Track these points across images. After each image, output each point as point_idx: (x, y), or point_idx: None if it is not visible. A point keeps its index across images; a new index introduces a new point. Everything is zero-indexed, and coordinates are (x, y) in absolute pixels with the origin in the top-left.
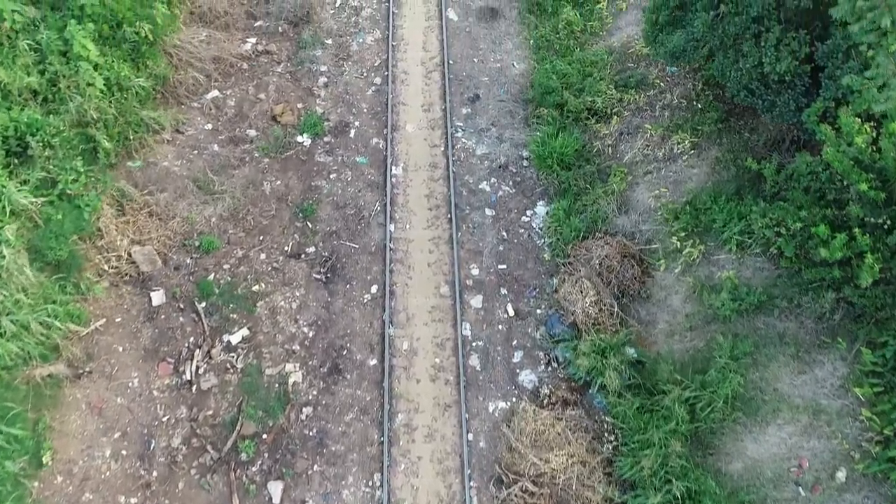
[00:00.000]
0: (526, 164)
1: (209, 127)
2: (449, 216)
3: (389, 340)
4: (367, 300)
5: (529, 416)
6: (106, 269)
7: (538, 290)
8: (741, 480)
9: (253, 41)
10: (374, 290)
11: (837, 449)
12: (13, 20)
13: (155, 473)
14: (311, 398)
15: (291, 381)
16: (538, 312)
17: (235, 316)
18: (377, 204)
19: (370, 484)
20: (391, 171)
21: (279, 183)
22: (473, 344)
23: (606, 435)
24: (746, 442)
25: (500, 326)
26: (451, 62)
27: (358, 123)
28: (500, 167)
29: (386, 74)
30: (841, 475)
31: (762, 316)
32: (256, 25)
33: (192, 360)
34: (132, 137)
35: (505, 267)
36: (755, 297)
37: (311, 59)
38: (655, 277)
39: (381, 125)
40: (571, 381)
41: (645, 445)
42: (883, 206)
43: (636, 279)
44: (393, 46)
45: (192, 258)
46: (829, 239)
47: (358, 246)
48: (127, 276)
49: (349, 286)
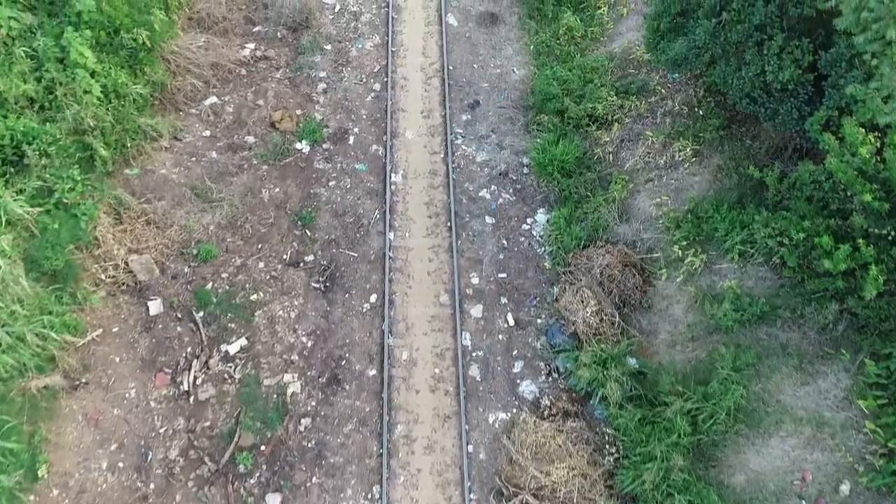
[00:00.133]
0: (526, 171)
1: (207, 134)
2: (449, 224)
3: (389, 350)
4: (366, 309)
5: (530, 427)
6: (103, 278)
7: (539, 299)
8: (744, 494)
9: (251, 47)
10: (373, 299)
11: (841, 462)
12: (9, 27)
13: (152, 486)
14: (309, 409)
15: (290, 391)
16: (539, 322)
17: (234, 325)
18: (376, 212)
19: (369, 497)
20: (390, 178)
21: (278, 190)
22: (473, 354)
23: (608, 447)
24: (749, 454)
25: (500, 336)
26: (450, 68)
27: (357, 130)
28: (500, 174)
29: (385, 80)
30: (845, 488)
31: (765, 326)
32: (255, 31)
33: (189, 370)
34: (129, 145)
35: (505, 276)
36: (757, 307)
37: (310, 64)
38: (657, 287)
39: (380, 132)
40: (572, 391)
41: (647, 458)
42: (887, 216)
43: (637, 288)
44: (392, 52)
45: (189, 267)
46: (832, 250)
47: (357, 254)
48: (124, 285)
49: (348, 295)
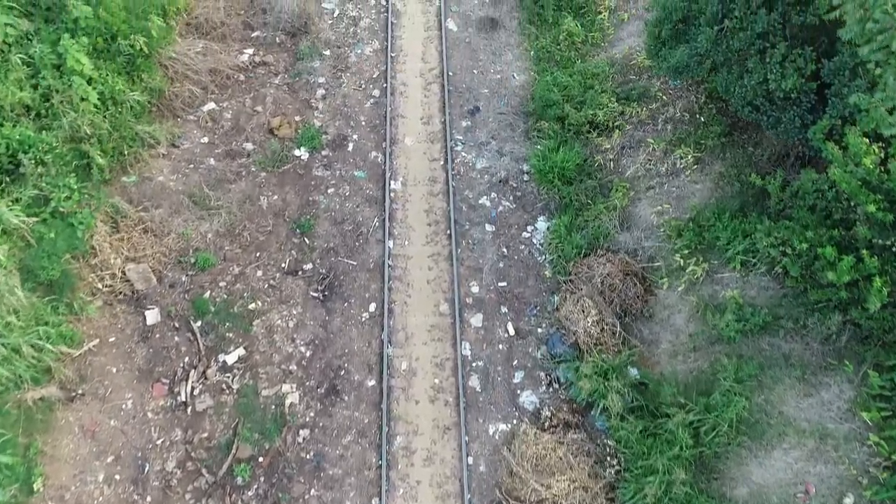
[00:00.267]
0: (526, 178)
1: (205, 140)
2: (448, 232)
3: (388, 360)
4: (365, 319)
5: (530, 439)
6: (99, 287)
7: (539, 308)
8: None
9: (250, 52)
10: (372, 308)
11: (844, 474)
12: (6, 33)
13: (149, 498)
14: (308, 420)
15: (288, 402)
16: (539, 331)
17: (231, 335)
18: (376, 219)
19: None
20: (390, 185)
21: (276, 198)
22: (473, 364)
23: (609, 459)
24: (752, 467)
25: (500, 346)
26: (450, 74)
27: (356, 137)
28: (500, 181)
29: (385, 86)
30: (848, 501)
31: (767, 337)
32: (254, 36)
33: (187, 380)
34: (127, 152)
35: (505, 284)
36: (760, 317)
37: (308, 70)
38: (658, 296)
39: (379, 138)
40: (573, 402)
41: (648, 472)
42: (891, 228)
43: (639, 298)
44: (392, 58)
45: (187, 275)
46: (835, 261)
47: (356, 263)
48: (121, 294)
49: (347, 304)
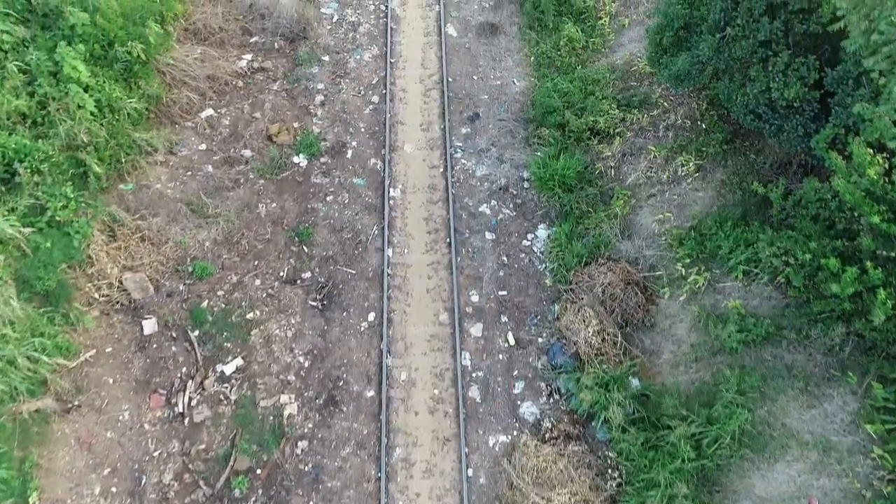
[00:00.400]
0: (527, 185)
1: (203, 147)
2: (448, 240)
3: (387, 371)
4: (364, 328)
5: (531, 451)
6: (96, 297)
7: (539, 317)
8: None
9: (248, 58)
10: (371, 317)
11: (848, 488)
12: (2, 40)
13: None
14: (306, 431)
15: (286, 413)
16: (539, 341)
17: (229, 345)
18: (375, 227)
19: None
20: (389, 193)
21: (275, 205)
22: (473, 374)
23: (610, 471)
24: (754, 479)
25: (500, 356)
26: (450, 80)
27: (355, 143)
28: (500, 189)
29: (384, 92)
30: None
31: (770, 347)
32: (252, 41)
33: (184, 391)
34: (124, 160)
35: (505, 293)
36: (762, 328)
37: (307, 76)
38: (660, 305)
39: (378, 145)
40: (574, 413)
41: (650, 485)
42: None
43: (640, 307)
44: (391, 63)
45: (185, 284)
46: (839, 272)
47: (355, 271)
48: (118, 304)
49: (346, 314)
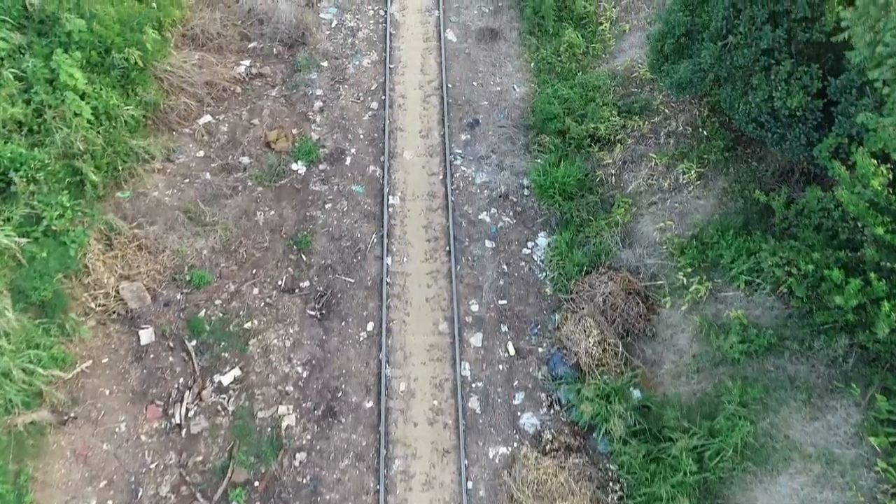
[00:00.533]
0: (527, 192)
1: (201, 154)
2: (448, 248)
3: (386, 381)
4: (363, 338)
5: (531, 463)
6: (93, 307)
7: (540, 326)
8: None
9: (247, 64)
10: (370, 327)
11: (851, 501)
12: None
13: None
14: (304, 443)
15: (284, 424)
16: (540, 351)
17: (227, 355)
18: (374, 235)
19: None
20: (388, 200)
21: (273, 213)
22: (473, 385)
23: (611, 484)
24: (757, 492)
25: (500, 366)
26: (449, 85)
27: (354, 150)
28: (500, 196)
29: (383, 98)
30: None
31: (772, 358)
32: (250, 47)
33: (181, 402)
34: (121, 168)
35: (505, 302)
36: (765, 338)
37: (306, 82)
38: (661, 315)
39: (377, 152)
40: (574, 425)
41: (652, 499)
42: None
43: (641, 317)
44: (390, 69)
45: (182, 293)
46: (842, 284)
47: (354, 280)
48: (115, 314)
49: (345, 323)
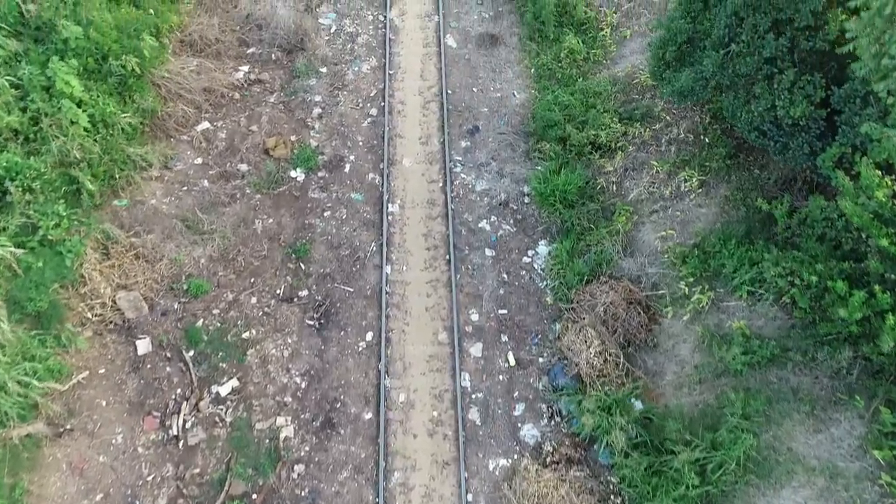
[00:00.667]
0: (527, 200)
1: (199, 161)
2: (447, 257)
3: (385, 392)
4: (362, 348)
5: (532, 476)
6: (89, 317)
7: (540, 336)
8: None
9: (245, 69)
10: (369, 337)
11: None
12: None
13: None
14: (303, 455)
15: (283, 436)
16: (540, 361)
17: (225, 365)
18: (373, 244)
19: None
20: (387, 208)
21: (271, 221)
22: (473, 396)
23: (613, 498)
24: None
25: (500, 377)
26: (449, 92)
27: (353, 157)
28: (500, 204)
29: (382, 105)
30: None
31: (775, 369)
32: (249, 53)
33: (179, 413)
34: (118, 176)
35: (506, 312)
36: (767, 349)
37: (305, 88)
38: (662, 325)
39: (377, 159)
40: (575, 436)
41: None
42: None
43: (642, 327)
44: (390, 75)
45: (179, 303)
46: (846, 296)
47: (353, 289)
48: (111, 324)
49: (343, 333)
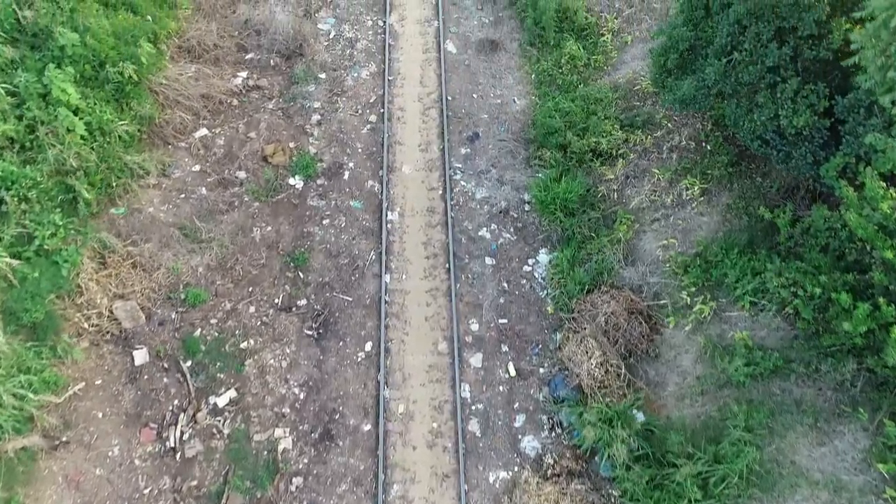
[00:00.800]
0: (527, 208)
1: (197, 168)
2: (447, 266)
3: (384, 403)
4: (360, 358)
5: (532, 489)
6: (86, 327)
7: (541, 346)
8: None
9: (244, 75)
10: (368, 347)
11: None
12: None
13: None
14: (301, 467)
15: (281, 447)
16: (541, 371)
17: (222, 376)
18: (372, 252)
19: None
20: (387, 216)
21: (270, 229)
22: (473, 407)
23: None
24: None
25: (500, 387)
26: (449, 98)
27: (352, 164)
28: (500, 212)
29: (382, 111)
30: None
31: (778, 381)
32: (247, 59)
33: (176, 424)
34: (115, 184)
35: (506, 321)
36: (770, 361)
37: (303, 94)
38: (664, 335)
39: (376, 166)
40: (577, 448)
41: None
42: None
43: (644, 337)
44: (389, 81)
45: (177, 312)
46: (851, 308)
47: (352, 298)
48: (108, 334)
49: (342, 343)
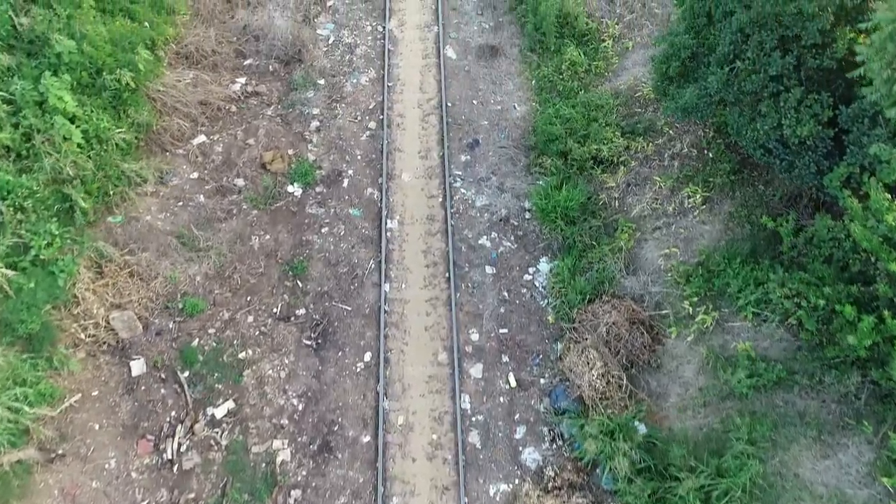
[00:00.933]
0: (528, 216)
1: (195, 176)
2: (447, 275)
3: (384, 414)
4: (360, 369)
5: (533, 501)
6: (82, 338)
7: (542, 356)
8: None
9: (242, 82)
10: (367, 357)
11: None
12: None
13: None
14: (299, 479)
15: (279, 459)
16: (542, 382)
17: (220, 386)
18: (371, 261)
19: None
20: (386, 224)
21: (268, 237)
22: (473, 418)
23: None
24: None
25: (501, 398)
26: (449, 104)
27: (351, 172)
28: (500, 220)
29: (381, 118)
30: None
31: (781, 392)
32: (246, 64)
33: (173, 436)
34: (112, 192)
35: (506, 331)
36: (773, 372)
37: (302, 101)
38: (666, 345)
39: (375, 174)
40: (578, 461)
41: None
42: None
43: (646, 348)
44: (388, 87)
45: (174, 322)
46: (855, 321)
47: (351, 308)
48: (105, 344)
49: (341, 353)
